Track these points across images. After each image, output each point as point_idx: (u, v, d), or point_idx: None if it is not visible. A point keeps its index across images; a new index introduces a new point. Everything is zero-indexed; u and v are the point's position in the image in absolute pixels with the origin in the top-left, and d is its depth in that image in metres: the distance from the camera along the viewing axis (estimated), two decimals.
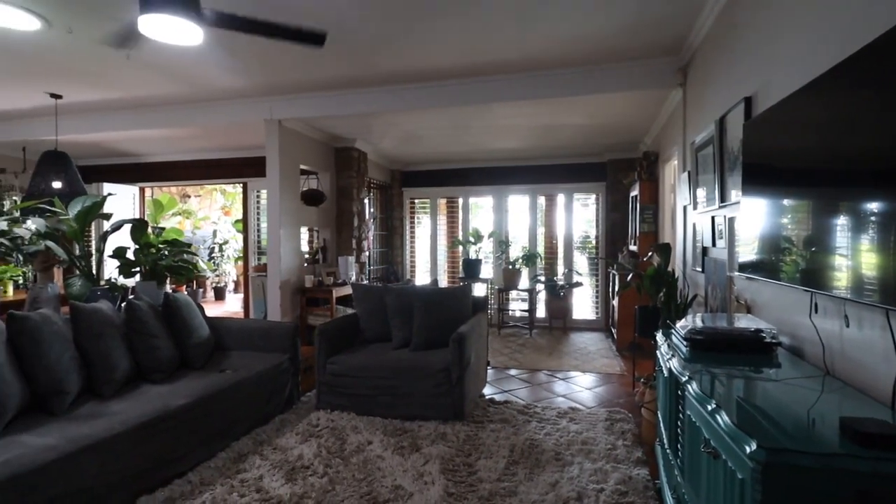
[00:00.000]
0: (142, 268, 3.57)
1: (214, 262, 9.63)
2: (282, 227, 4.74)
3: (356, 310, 3.90)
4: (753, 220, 1.89)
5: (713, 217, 2.81)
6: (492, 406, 3.45)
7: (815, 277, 1.46)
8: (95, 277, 3.52)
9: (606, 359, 4.96)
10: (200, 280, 9.42)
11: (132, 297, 3.06)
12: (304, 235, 5.51)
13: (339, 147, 5.79)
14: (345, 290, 5.16)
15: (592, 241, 6.83)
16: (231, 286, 10.05)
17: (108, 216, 3.88)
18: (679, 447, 1.63)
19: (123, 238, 3.84)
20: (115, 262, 3.60)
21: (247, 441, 2.83)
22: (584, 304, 6.89)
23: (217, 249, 9.69)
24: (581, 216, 6.93)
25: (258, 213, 6.79)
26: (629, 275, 4.22)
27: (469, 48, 3.48)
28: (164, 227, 8.00)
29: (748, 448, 0.99)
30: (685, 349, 1.80)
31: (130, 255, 3.61)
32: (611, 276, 6.08)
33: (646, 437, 2.87)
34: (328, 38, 3.26)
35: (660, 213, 5.04)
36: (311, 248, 5.74)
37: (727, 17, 2.66)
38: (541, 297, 6.74)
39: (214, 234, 9.76)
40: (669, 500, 1.76)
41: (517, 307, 6.79)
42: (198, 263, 3.92)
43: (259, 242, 6.84)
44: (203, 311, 3.49)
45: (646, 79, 3.74)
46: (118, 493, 2.11)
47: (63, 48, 3.40)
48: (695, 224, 3.32)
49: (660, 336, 2.18)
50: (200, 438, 2.56)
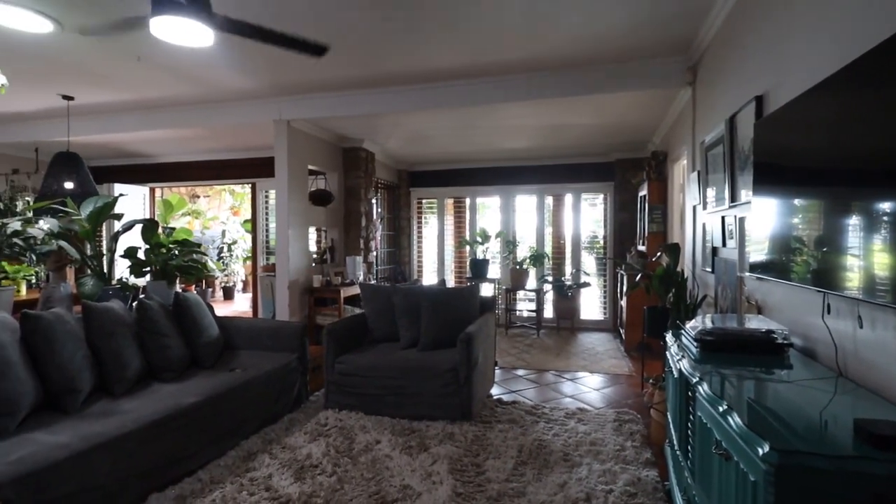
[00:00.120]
0: (152, 267, 3.61)
1: (223, 262, 9.70)
2: (290, 228, 4.77)
3: (364, 310, 3.91)
4: (765, 220, 1.87)
5: (723, 217, 2.78)
6: (500, 406, 3.45)
7: (828, 278, 1.44)
8: (107, 277, 3.56)
9: (614, 359, 4.93)
10: (209, 280, 9.49)
11: (143, 297, 3.09)
12: (313, 235, 5.53)
13: (347, 147, 5.81)
14: (353, 290, 5.18)
15: (600, 242, 6.80)
16: (240, 286, 10.13)
17: (120, 216, 3.92)
18: (689, 449, 1.62)
19: (134, 238, 3.87)
20: (127, 262, 3.63)
21: (256, 440, 2.85)
22: (592, 305, 6.86)
23: (226, 249, 9.76)
24: (589, 216, 6.90)
25: (267, 214, 6.83)
26: (638, 275, 4.20)
27: (476, 48, 3.47)
28: (175, 228, 8.07)
29: (761, 450, 0.98)
30: (695, 350, 1.78)
31: (141, 255, 3.64)
32: (619, 277, 6.06)
33: (655, 439, 2.86)
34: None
35: (668, 213, 5.01)
36: (319, 248, 5.76)
37: (737, 15, 2.64)
38: (548, 298, 6.72)
39: (223, 234, 9.84)
40: (679, 502, 1.75)
41: (524, 307, 6.78)
42: (207, 263, 3.95)
43: (267, 242, 6.88)
44: (213, 311, 3.52)
45: (654, 78, 3.72)
46: (130, 491, 2.13)
47: (75, 50, 3.44)
48: (704, 224, 3.29)
49: (669, 337, 2.17)
50: (210, 437, 2.58)
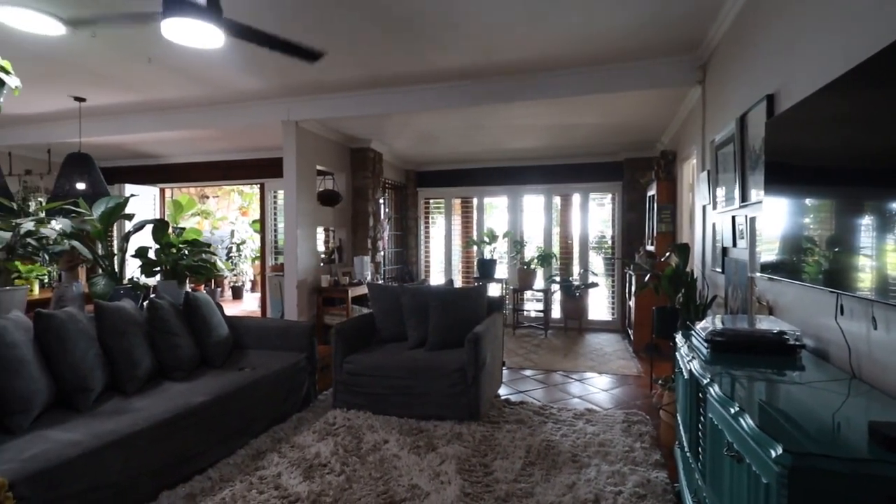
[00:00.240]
0: (163, 267, 3.64)
1: (232, 262, 9.77)
2: (298, 228, 4.79)
3: (372, 309, 3.92)
4: (776, 220, 1.85)
5: (734, 217, 2.76)
6: (507, 406, 3.44)
7: (841, 278, 1.43)
8: (118, 277, 3.59)
9: (623, 360, 4.91)
10: (218, 279, 9.57)
11: (154, 296, 3.12)
12: (321, 235, 5.56)
13: (355, 148, 5.82)
14: (360, 290, 5.19)
15: (608, 242, 6.77)
16: (248, 285, 10.19)
17: (131, 217, 3.96)
18: (700, 450, 1.61)
19: (145, 238, 3.91)
20: (137, 262, 3.67)
21: (265, 439, 2.86)
22: (600, 305, 6.83)
23: (235, 249, 9.83)
24: (597, 216, 6.87)
25: (275, 214, 6.87)
26: (646, 275, 4.17)
27: (484, 48, 3.47)
28: (185, 228, 8.13)
29: (774, 452, 0.97)
30: (706, 351, 1.77)
31: (152, 255, 3.68)
32: (627, 277, 6.02)
33: (664, 440, 2.84)
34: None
35: (678, 213, 4.98)
36: (327, 248, 5.79)
37: (748, 13, 2.61)
38: (556, 298, 6.70)
39: (232, 235, 9.91)
40: None
41: (532, 307, 6.76)
42: (216, 263, 3.97)
43: (276, 242, 6.92)
44: (222, 310, 3.54)
45: (664, 77, 3.69)
46: (141, 489, 2.15)
47: (87, 52, 3.48)
48: (714, 224, 3.26)
49: (679, 337, 2.15)
50: (220, 436, 2.60)
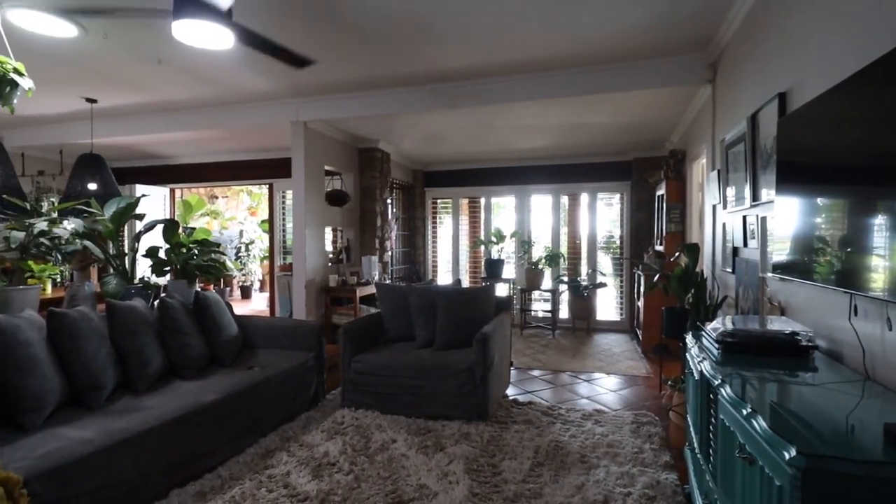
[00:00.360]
0: (173, 267, 3.67)
1: (241, 262, 9.83)
2: (307, 227, 4.81)
3: (380, 309, 3.93)
4: (788, 220, 1.83)
5: (744, 216, 2.73)
6: (515, 407, 3.43)
7: (855, 278, 1.41)
8: (129, 276, 3.63)
9: (631, 360, 4.88)
10: (227, 279, 9.63)
11: (164, 296, 3.15)
12: (329, 235, 5.58)
13: (363, 148, 5.84)
14: (368, 290, 5.20)
15: (617, 242, 6.73)
16: (257, 285, 10.26)
17: (142, 217, 4.00)
18: (711, 452, 1.60)
19: (156, 238, 3.95)
20: (148, 262, 3.70)
21: (274, 437, 2.88)
22: (608, 305, 6.79)
23: (243, 249, 9.90)
24: (605, 216, 6.84)
25: (284, 214, 6.91)
26: (655, 275, 4.14)
27: (491, 47, 3.46)
28: (195, 228, 8.20)
29: (787, 454, 0.96)
30: (716, 352, 1.76)
31: (162, 255, 3.71)
32: (636, 277, 5.99)
33: (674, 441, 2.82)
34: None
35: (687, 213, 4.94)
36: (335, 248, 5.81)
37: (759, 11, 2.59)
38: (564, 298, 6.68)
39: (241, 234, 9.98)
40: None
41: (540, 308, 6.74)
42: (226, 263, 4.00)
43: (284, 242, 6.96)
44: (231, 310, 3.56)
45: (674, 75, 3.67)
46: (151, 486, 2.17)
47: (98, 54, 3.51)
48: (724, 224, 3.24)
49: (689, 338, 2.14)
50: (229, 434, 2.62)
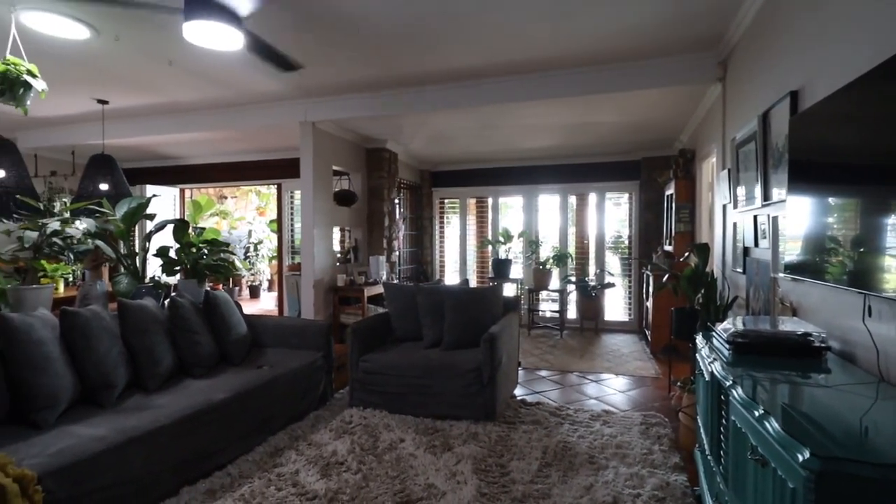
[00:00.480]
0: (183, 266, 3.70)
1: (250, 262, 9.90)
2: (315, 227, 4.83)
3: (387, 309, 3.93)
4: (801, 219, 1.81)
5: (755, 216, 2.71)
6: (523, 407, 3.43)
7: (869, 279, 1.39)
8: (140, 275, 3.66)
9: (640, 361, 4.85)
10: (236, 279, 9.70)
11: (175, 295, 3.17)
12: (337, 235, 5.59)
13: (371, 148, 5.85)
14: (376, 290, 5.22)
15: (625, 242, 6.70)
16: (265, 285, 10.32)
17: (152, 217, 4.03)
18: (722, 454, 1.59)
19: (166, 238, 3.98)
20: (159, 261, 3.73)
21: (283, 436, 2.90)
22: (617, 306, 6.76)
23: (252, 249, 9.96)
24: (613, 216, 6.80)
25: (292, 214, 6.94)
26: (665, 275, 4.12)
27: (501, 47, 3.45)
28: (204, 228, 8.26)
29: (801, 456, 0.95)
30: (727, 352, 1.74)
31: (173, 254, 3.74)
32: (644, 277, 5.95)
33: (683, 443, 2.80)
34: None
35: (697, 213, 4.90)
36: (343, 248, 5.82)
37: (771, 8, 2.56)
38: (572, 298, 6.65)
39: (249, 234, 10.04)
40: None
41: (547, 308, 6.72)
42: (235, 262, 4.03)
43: (293, 242, 6.99)
44: (241, 309, 3.59)
45: (683, 74, 3.64)
46: (162, 484, 2.19)
47: (110, 56, 3.55)
48: (735, 223, 3.21)
49: (700, 339, 2.12)
50: (239, 432, 2.63)
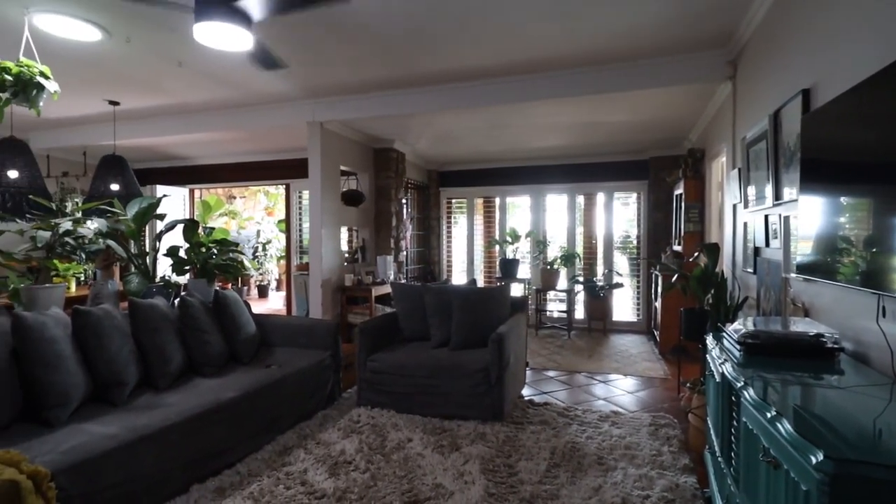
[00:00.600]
0: (193, 266, 3.73)
1: (258, 261, 9.95)
2: (323, 227, 4.84)
3: (395, 308, 3.94)
4: (813, 219, 1.79)
5: (766, 216, 2.68)
6: (531, 407, 3.42)
7: (883, 279, 1.37)
8: (151, 275, 3.70)
9: (649, 362, 4.82)
10: (245, 278, 9.75)
11: (185, 294, 3.20)
12: (344, 235, 5.61)
13: (378, 148, 5.86)
14: (383, 289, 5.22)
15: (633, 241, 6.66)
16: (274, 284, 10.37)
17: (163, 217, 4.08)
18: (733, 455, 1.57)
19: (176, 237, 4.02)
20: (169, 261, 3.77)
21: (291, 435, 2.91)
22: (625, 306, 6.72)
23: (260, 249, 10.02)
24: (622, 215, 6.77)
25: (300, 214, 6.97)
26: (674, 276, 4.09)
27: (508, 46, 3.45)
28: (214, 228, 8.32)
29: (814, 458, 0.94)
30: (738, 353, 1.72)
31: (183, 254, 3.77)
32: (653, 277, 5.92)
33: (693, 444, 2.78)
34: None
35: (706, 212, 4.86)
36: (351, 248, 5.84)
37: (782, 5, 2.54)
38: (579, 298, 6.63)
39: (258, 234, 10.10)
40: None
41: (555, 308, 6.70)
42: (244, 262, 4.06)
43: (301, 242, 7.02)
44: (249, 308, 3.61)
45: (693, 72, 3.61)
46: (172, 482, 2.21)
47: (121, 57, 3.58)
48: (745, 223, 3.18)
49: (710, 339, 2.10)
50: (248, 431, 2.65)
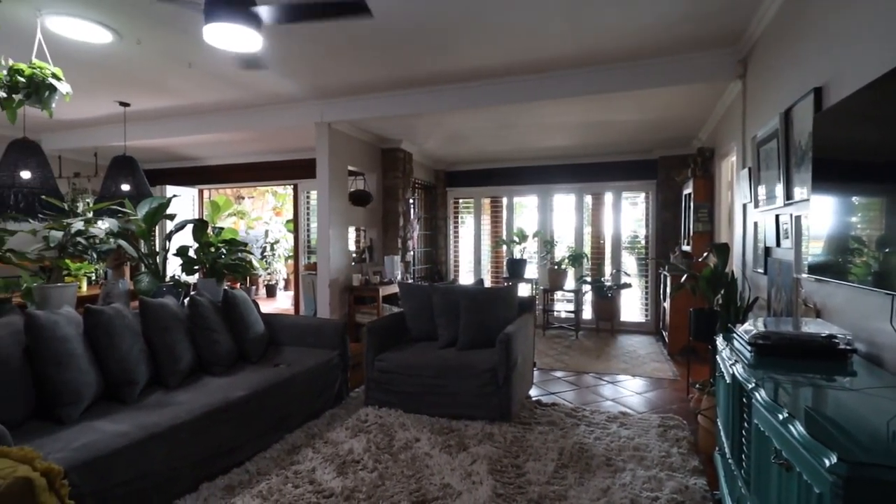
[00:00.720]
0: (202, 265, 3.76)
1: (266, 261, 10.01)
2: (331, 227, 4.86)
3: (403, 308, 3.94)
4: (825, 218, 1.77)
5: (777, 216, 2.66)
6: (539, 408, 3.41)
7: None
8: (161, 274, 3.73)
9: (657, 363, 4.79)
10: (253, 278, 9.82)
11: (194, 294, 3.22)
12: (352, 235, 5.63)
13: (386, 148, 5.88)
14: (391, 289, 5.23)
15: (641, 241, 6.62)
16: (282, 284, 10.43)
17: (173, 217, 4.11)
18: (743, 457, 1.56)
19: (185, 237, 4.05)
20: (179, 260, 3.80)
21: (299, 434, 2.92)
22: (633, 306, 6.69)
23: (269, 248, 10.08)
24: (630, 215, 6.73)
25: (308, 214, 7.00)
26: (683, 276, 4.06)
27: (515, 46, 3.44)
28: (223, 228, 8.38)
29: (828, 461, 0.93)
30: (749, 354, 1.71)
31: (192, 254, 3.80)
32: (661, 278, 5.88)
33: (703, 446, 2.76)
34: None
35: (716, 212, 4.83)
36: (359, 248, 5.86)
37: (792, 3, 2.51)
38: (587, 299, 6.60)
39: (266, 234, 10.16)
40: None
41: (563, 308, 6.68)
42: (252, 262, 4.09)
43: (309, 242, 7.05)
44: (258, 308, 3.63)
45: (703, 71, 3.58)
46: (182, 480, 2.22)
47: (132, 59, 3.62)
48: (756, 223, 3.15)
49: (720, 340, 2.09)
50: (257, 430, 2.66)
